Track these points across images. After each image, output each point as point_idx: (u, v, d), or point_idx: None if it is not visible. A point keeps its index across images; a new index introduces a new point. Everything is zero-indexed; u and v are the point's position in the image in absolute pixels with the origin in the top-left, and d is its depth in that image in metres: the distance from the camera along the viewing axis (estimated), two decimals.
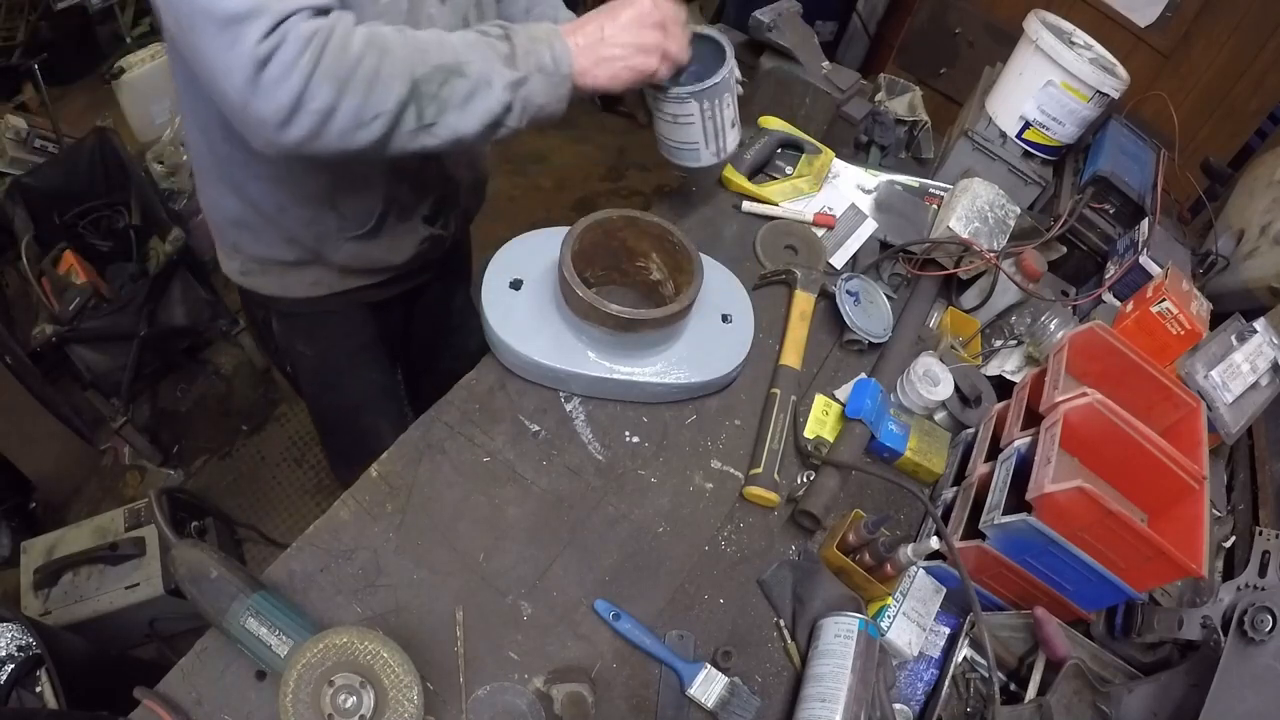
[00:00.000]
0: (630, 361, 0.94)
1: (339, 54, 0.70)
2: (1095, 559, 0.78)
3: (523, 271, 0.97)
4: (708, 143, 0.97)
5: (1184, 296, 1.04)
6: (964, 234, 1.19)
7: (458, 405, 0.93)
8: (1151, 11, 2.04)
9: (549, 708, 0.75)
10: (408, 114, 0.75)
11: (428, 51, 0.75)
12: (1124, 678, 0.85)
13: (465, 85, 0.76)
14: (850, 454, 0.97)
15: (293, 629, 0.68)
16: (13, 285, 2.13)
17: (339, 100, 0.71)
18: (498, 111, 0.79)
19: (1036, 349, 1.12)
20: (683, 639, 0.82)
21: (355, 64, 0.71)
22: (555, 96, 0.82)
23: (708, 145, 0.98)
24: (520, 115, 0.81)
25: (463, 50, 0.77)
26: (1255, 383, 1.00)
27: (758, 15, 1.31)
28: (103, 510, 1.70)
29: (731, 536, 0.92)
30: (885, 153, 1.45)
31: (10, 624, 1.16)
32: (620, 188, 2.95)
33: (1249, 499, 1.02)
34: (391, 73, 0.72)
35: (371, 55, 0.72)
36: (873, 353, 1.13)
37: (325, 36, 0.69)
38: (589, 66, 0.82)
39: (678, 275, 0.99)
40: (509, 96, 0.78)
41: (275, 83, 0.68)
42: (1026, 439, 0.86)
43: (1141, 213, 1.29)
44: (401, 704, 0.65)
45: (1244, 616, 0.75)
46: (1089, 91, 1.26)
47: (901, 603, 0.86)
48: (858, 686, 0.75)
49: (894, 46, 2.48)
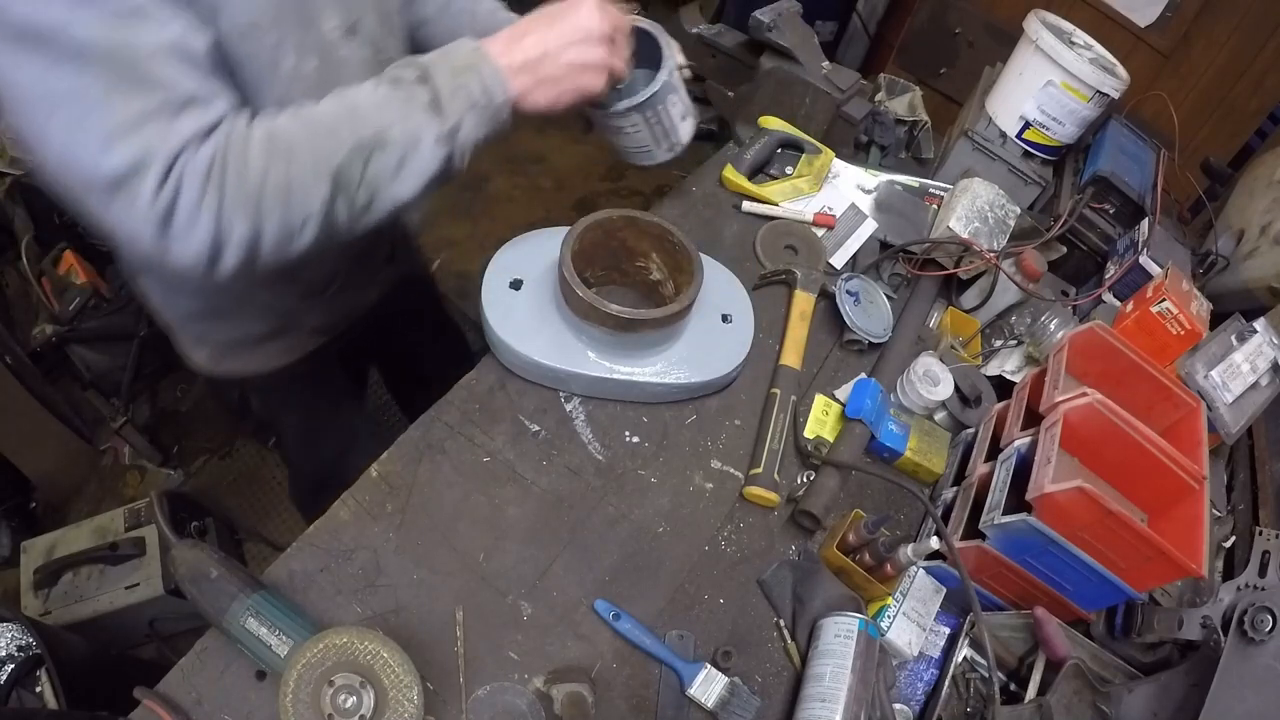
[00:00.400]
0: (630, 361, 0.94)
1: (241, 178, 0.63)
2: (1095, 559, 0.78)
3: (523, 271, 0.97)
4: (658, 143, 0.92)
5: (1184, 296, 1.04)
6: (964, 234, 1.19)
7: (458, 405, 0.93)
8: (1151, 11, 2.04)
9: (549, 708, 0.75)
10: (338, 207, 0.68)
11: (338, 131, 0.66)
12: (1124, 678, 0.85)
13: (392, 155, 0.68)
14: (850, 454, 0.97)
15: (293, 629, 0.68)
16: (13, 285, 2.12)
17: (259, 224, 0.64)
18: (435, 169, 0.71)
19: (1036, 349, 1.12)
20: (683, 639, 0.82)
21: (261, 182, 0.63)
22: (496, 125, 0.74)
23: (659, 145, 0.92)
24: (463, 158, 0.73)
25: (377, 114, 0.68)
26: (1255, 383, 1.00)
27: (758, 15, 1.31)
28: (103, 510, 1.70)
29: (731, 536, 0.92)
30: (885, 153, 1.45)
31: (10, 624, 1.16)
32: (620, 188, 2.95)
33: (1249, 499, 1.02)
34: (305, 175, 0.65)
35: (277, 165, 0.64)
36: (873, 353, 1.13)
37: (222, 163, 0.62)
38: (528, 89, 0.74)
39: (678, 275, 0.99)
40: (445, 149, 0.70)
41: (186, 230, 0.62)
42: (1026, 439, 0.86)
43: (1141, 213, 1.29)
44: (401, 704, 0.65)
45: (1244, 616, 0.75)
46: (1089, 91, 1.26)
47: (901, 603, 0.86)
48: (858, 686, 0.75)
49: (894, 46, 2.48)
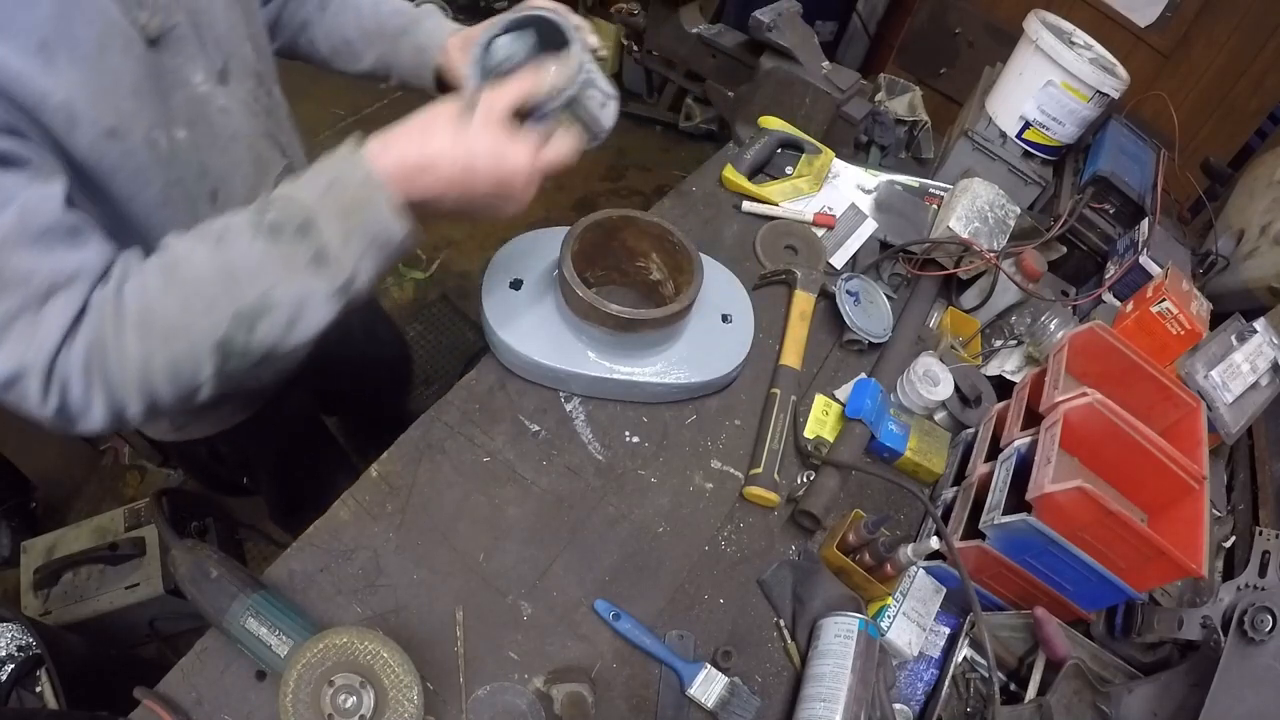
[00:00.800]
0: (630, 361, 0.94)
1: (122, 366, 0.58)
2: (1095, 559, 0.78)
3: (523, 271, 0.97)
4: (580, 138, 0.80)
5: (1184, 296, 1.04)
6: (964, 234, 1.19)
7: (458, 405, 0.93)
8: (1151, 11, 2.04)
9: (549, 708, 0.75)
10: (231, 365, 0.61)
11: (216, 303, 0.59)
12: (1124, 678, 0.85)
13: (279, 318, 0.60)
14: (850, 454, 0.97)
15: (293, 629, 0.68)
16: None
17: (152, 396, 0.60)
18: (329, 318, 0.63)
19: (1036, 349, 1.12)
20: (683, 639, 0.82)
21: (143, 366, 0.58)
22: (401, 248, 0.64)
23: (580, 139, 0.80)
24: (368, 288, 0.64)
25: (258, 277, 0.59)
26: (1255, 383, 1.00)
27: (758, 15, 1.31)
28: (103, 510, 1.70)
29: (731, 536, 0.92)
30: (885, 153, 1.45)
31: (10, 624, 1.16)
32: (620, 188, 2.95)
33: (1249, 499, 1.02)
34: (186, 352, 0.59)
35: (156, 349, 0.58)
36: (873, 353, 1.13)
37: (101, 353, 0.57)
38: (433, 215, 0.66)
39: (678, 275, 0.99)
40: (339, 301, 0.63)
41: (83, 415, 0.59)
42: (1026, 439, 0.86)
43: (1141, 213, 1.29)
44: (401, 704, 0.65)
45: (1244, 616, 0.75)
46: (1089, 91, 1.26)
47: (901, 603, 0.86)
48: (858, 686, 0.75)
49: (894, 46, 2.48)
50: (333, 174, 0.62)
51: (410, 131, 0.64)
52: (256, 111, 0.80)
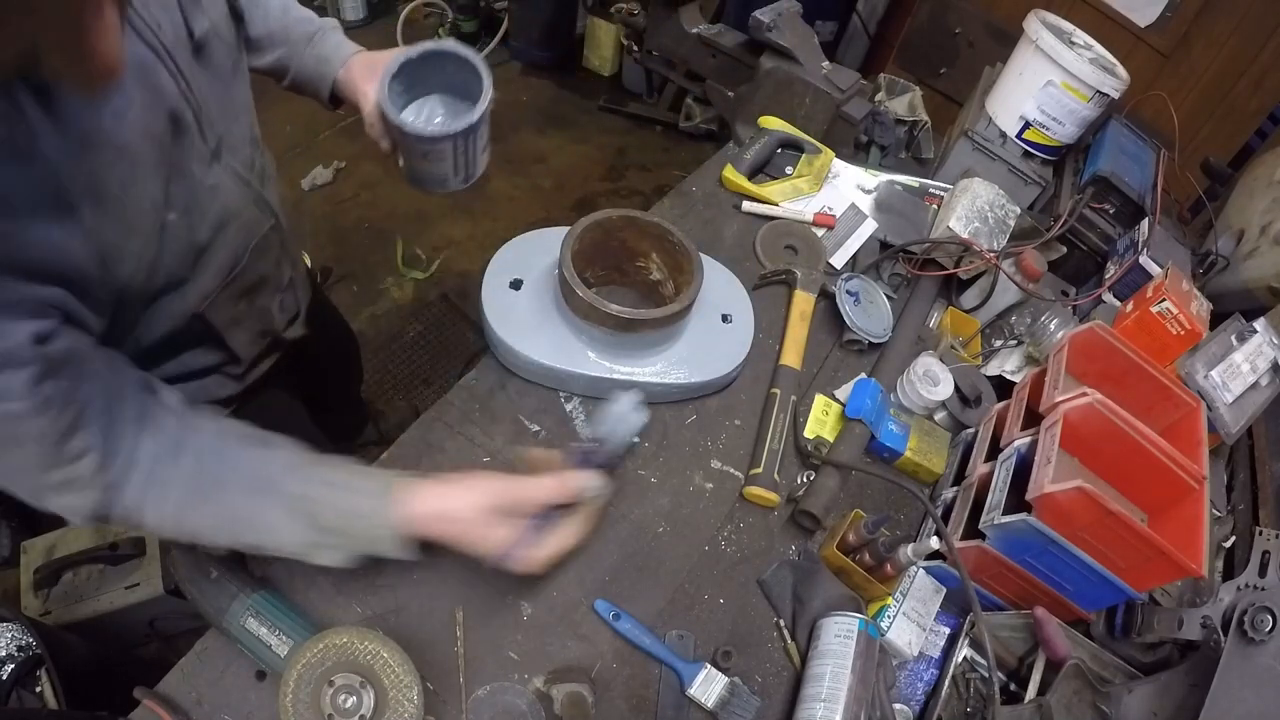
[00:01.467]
0: (630, 361, 0.94)
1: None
2: (1095, 559, 0.78)
3: (523, 271, 0.97)
4: (456, 173, 0.88)
5: (1184, 296, 1.04)
6: (964, 234, 1.19)
7: (458, 405, 0.93)
8: (1151, 11, 2.04)
9: (549, 708, 0.75)
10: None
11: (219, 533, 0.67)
12: (1124, 678, 0.85)
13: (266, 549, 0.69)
14: (850, 454, 0.97)
15: (293, 629, 0.69)
16: None
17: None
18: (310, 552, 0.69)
19: (1036, 349, 1.12)
20: (683, 639, 0.82)
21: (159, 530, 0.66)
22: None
23: (456, 175, 0.89)
24: None
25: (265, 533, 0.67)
26: (1255, 383, 1.00)
27: (758, 15, 1.31)
28: None
29: (731, 536, 0.91)
30: (885, 153, 1.45)
31: (10, 624, 1.16)
32: (620, 188, 2.95)
33: (1249, 499, 1.02)
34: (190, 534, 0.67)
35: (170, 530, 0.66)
36: (873, 353, 1.13)
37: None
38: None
39: (678, 275, 0.99)
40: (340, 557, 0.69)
41: None
42: (1026, 439, 0.86)
43: (1141, 213, 1.29)
44: (401, 704, 0.65)
45: (1244, 616, 0.75)
46: (1089, 91, 1.26)
47: (901, 603, 0.86)
48: (858, 686, 0.75)
49: (894, 46, 2.48)
50: (364, 510, 0.67)
51: (446, 494, 0.70)
52: (247, 180, 0.80)
